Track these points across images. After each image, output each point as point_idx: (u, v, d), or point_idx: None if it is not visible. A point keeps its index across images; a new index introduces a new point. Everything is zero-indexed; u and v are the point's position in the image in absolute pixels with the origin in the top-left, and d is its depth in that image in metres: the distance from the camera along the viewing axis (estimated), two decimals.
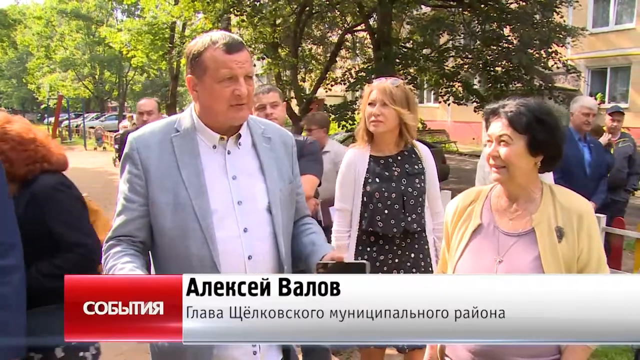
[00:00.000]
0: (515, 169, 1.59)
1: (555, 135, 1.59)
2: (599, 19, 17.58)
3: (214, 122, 1.52)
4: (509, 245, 1.63)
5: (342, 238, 2.50)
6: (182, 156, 1.50)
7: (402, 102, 2.36)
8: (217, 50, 1.44)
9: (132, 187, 1.49)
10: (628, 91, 17.02)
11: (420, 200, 2.44)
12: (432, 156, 2.59)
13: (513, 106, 1.60)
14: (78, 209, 1.98)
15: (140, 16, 23.74)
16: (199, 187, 1.48)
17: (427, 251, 2.50)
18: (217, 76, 1.44)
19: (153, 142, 1.52)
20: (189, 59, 1.50)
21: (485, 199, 1.75)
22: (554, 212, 1.61)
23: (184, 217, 1.46)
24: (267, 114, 2.72)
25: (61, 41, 32.02)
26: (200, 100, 1.51)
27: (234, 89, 1.44)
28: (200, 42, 1.48)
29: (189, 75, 1.51)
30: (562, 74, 13.01)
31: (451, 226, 1.80)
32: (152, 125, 1.59)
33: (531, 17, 9.92)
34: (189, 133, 1.53)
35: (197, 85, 1.50)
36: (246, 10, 10.60)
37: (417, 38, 11.52)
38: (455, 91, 11.35)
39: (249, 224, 1.52)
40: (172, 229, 1.47)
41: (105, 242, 1.51)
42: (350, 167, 2.49)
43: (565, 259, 1.56)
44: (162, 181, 1.48)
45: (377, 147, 2.48)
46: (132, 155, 1.51)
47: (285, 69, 12.32)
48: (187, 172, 1.48)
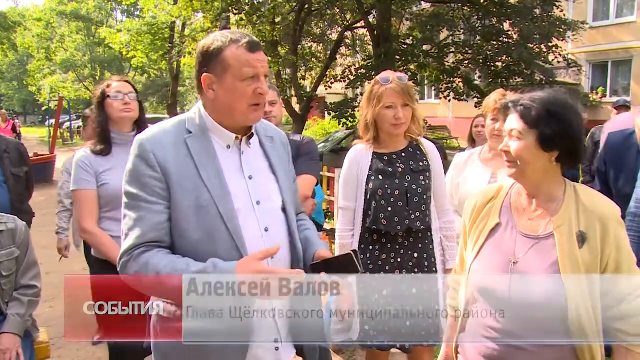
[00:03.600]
0: (526, 165, 1.52)
1: (571, 130, 1.48)
2: (599, 13, 17.50)
3: (230, 121, 1.50)
4: (526, 248, 1.55)
5: (345, 237, 2.48)
6: (200, 157, 1.45)
7: (414, 98, 2.35)
8: (240, 49, 1.44)
9: (153, 191, 1.43)
10: (630, 85, 16.94)
11: (425, 197, 2.38)
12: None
13: (526, 99, 1.53)
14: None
15: (140, 16, 23.73)
16: (222, 188, 1.45)
17: (431, 251, 2.45)
18: (240, 75, 1.43)
19: (167, 143, 1.46)
20: (205, 56, 1.47)
21: (506, 196, 1.67)
22: (576, 215, 1.50)
23: (209, 220, 1.42)
24: (265, 112, 2.71)
25: (61, 43, 32.00)
26: (217, 99, 1.47)
27: (256, 87, 1.46)
28: (219, 40, 1.46)
29: (205, 74, 1.46)
30: (562, 68, 12.97)
31: (469, 224, 1.74)
32: (160, 126, 1.53)
33: (531, 12, 9.88)
34: (203, 133, 1.49)
35: (215, 84, 1.46)
36: (245, 9, 10.58)
37: (417, 34, 11.48)
38: (456, 87, 11.31)
39: (269, 224, 1.53)
40: (196, 232, 1.42)
41: (129, 250, 1.42)
42: (353, 164, 2.46)
43: (586, 265, 1.46)
44: (182, 183, 1.43)
45: (382, 144, 2.43)
46: (147, 158, 1.44)
47: (285, 67, 12.30)
48: (206, 174, 1.44)
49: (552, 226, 1.52)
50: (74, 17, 32.38)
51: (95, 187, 2.46)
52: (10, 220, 2.45)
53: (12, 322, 2.32)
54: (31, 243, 2.54)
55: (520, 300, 1.52)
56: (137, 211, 1.43)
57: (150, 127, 1.54)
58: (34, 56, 33.76)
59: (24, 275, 2.47)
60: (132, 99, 2.57)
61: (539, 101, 1.50)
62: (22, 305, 2.40)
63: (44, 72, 31.80)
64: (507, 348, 1.55)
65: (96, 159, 2.48)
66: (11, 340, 2.27)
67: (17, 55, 39.07)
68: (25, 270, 2.48)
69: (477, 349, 1.64)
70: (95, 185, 2.46)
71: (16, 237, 2.43)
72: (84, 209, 2.47)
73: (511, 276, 1.55)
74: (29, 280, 2.48)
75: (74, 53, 31.54)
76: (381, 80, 2.34)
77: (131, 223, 1.44)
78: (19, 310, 2.38)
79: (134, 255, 1.41)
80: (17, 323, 2.34)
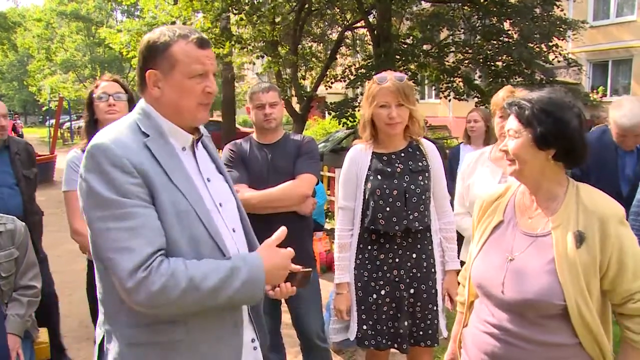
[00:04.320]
0: (523, 163, 1.54)
1: (566, 128, 1.49)
2: (599, 12, 17.50)
3: (177, 121, 1.41)
4: (524, 246, 1.57)
5: (344, 237, 2.47)
6: (165, 161, 1.34)
7: (412, 98, 2.32)
8: (189, 45, 1.37)
9: (139, 197, 1.26)
10: (630, 84, 16.95)
11: (424, 198, 2.37)
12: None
13: (521, 99, 1.56)
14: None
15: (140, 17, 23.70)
16: (194, 192, 1.38)
17: (430, 251, 2.44)
18: (188, 71, 1.36)
19: (134, 147, 1.31)
20: (150, 51, 1.37)
21: (512, 195, 1.70)
22: (575, 214, 1.50)
23: (189, 225, 1.33)
24: (266, 114, 2.70)
25: (61, 43, 31.97)
26: (164, 98, 1.38)
27: (205, 85, 1.39)
28: (166, 34, 1.37)
29: (150, 70, 1.37)
30: (563, 67, 12.96)
31: (476, 221, 1.77)
32: (115, 130, 1.36)
33: (531, 11, 9.86)
34: (160, 135, 1.38)
35: (161, 81, 1.37)
36: (245, 9, 10.57)
37: (417, 34, 11.46)
38: (456, 87, 11.30)
39: (234, 224, 1.51)
40: (182, 238, 1.32)
41: (144, 262, 1.22)
42: (352, 164, 2.45)
43: (583, 266, 1.46)
44: (159, 189, 1.31)
45: (381, 144, 2.43)
46: (121, 164, 1.26)
47: (285, 67, 12.28)
48: (176, 177, 1.35)
49: (551, 225, 1.53)
50: (74, 17, 32.33)
51: None
52: (9, 221, 2.45)
53: (12, 323, 2.32)
54: (30, 243, 2.54)
55: (514, 297, 1.54)
56: (130, 219, 1.23)
57: (101, 131, 1.37)
58: (34, 56, 33.76)
59: (23, 276, 2.47)
60: (118, 100, 2.54)
61: (533, 101, 1.53)
62: (21, 306, 2.40)
63: (44, 73, 31.79)
64: (505, 345, 1.56)
65: None
66: (11, 340, 2.27)
67: (17, 55, 39.04)
68: (25, 271, 2.48)
69: (477, 345, 1.65)
70: None
71: (15, 238, 2.43)
72: (75, 210, 2.46)
73: (506, 273, 1.56)
74: (28, 281, 2.48)
75: (74, 53, 31.50)
76: (378, 79, 2.33)
77: (127, 235, 1.22)
78: (19, 311, 2.38)
79: (153, 268, 1.21)
80: (16, 323, 2.34)
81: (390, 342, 2.40)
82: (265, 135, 2.78)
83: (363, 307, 2.43)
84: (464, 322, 1.82)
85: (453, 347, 1.90)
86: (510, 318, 1.56)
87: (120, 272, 1.22)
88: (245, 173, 2.69)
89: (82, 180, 1.30)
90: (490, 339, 1.60)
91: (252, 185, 2.66)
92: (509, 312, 1.57)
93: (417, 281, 2.40)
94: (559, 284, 1.47)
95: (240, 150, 2.77)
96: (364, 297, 2.42)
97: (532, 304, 1.50)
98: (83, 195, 1.29)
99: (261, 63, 13.65)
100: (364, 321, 2.42)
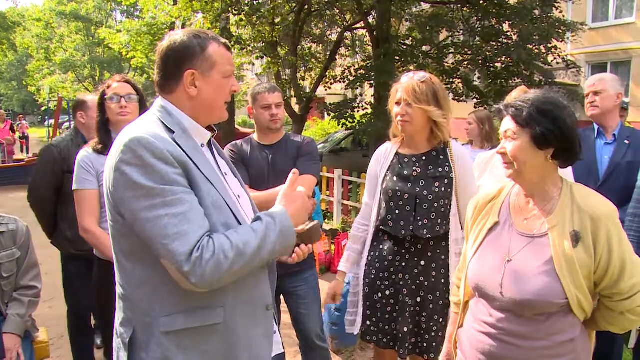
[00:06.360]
0: (522, 164, 1.54)
1: (564, 126, 1.51)
2: (598, 14, 17.53)
3: (207, 118, 1.50)
4: (521, 246, 1.57)
5: (358, 229, 2.53)
6: (193, 155, 1.39)
7: (429, 99, 2.24)
8: (221, 47, 1.47)
9: (184, 186, 1.32)
10: (629, 86, 16.97)
11: (436, 205, 2.28)
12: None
13: (517, 101, 1.56)
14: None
15: (140, 17, 23.72)
16: (222, 184, 1.47)
17: (443, 262, 2.33)
18: (224, 71, 1.47)
19: (170, 142, 1.36)
20: (187, 51, 1.42)
21: (507, 196, 1.70)
22: (570, 214, 1.52)
23: (223, 214, 1.40)
24: (272, 114, 2.72)
25: (61, 43, 31.94)
26: (200, 96, 1.44)
27: (232, 84, 1.50)
28: (197, 37, 1.44)
29: (190, 70, 1.42)
30: (562, 69, 12.97)
31: (470, 223, 1.77)
32: (146, 125, 1.40)
33: (530, 13, 9.86)
34: (184, 132, 1.43)
35: (200, 80, 1.43)
36: (244, 10, 10.57)
37: (417, 35, 11.47)
38: (456, 88, 11.31)
39: (251, 216, 1.57)
40: (218, 226, 1.37)
41: (196, 245, 1.26)
42: (375, 162, 2.47)
43: (582, 265, 1.48)
44: (196, 180, 1.36)
45: (406, 145, 2.41)
46: (164, 157, 1.30)
47: (285, 68, 12.29)
48: (206, 170, 1.41)
49: (547, 225, 1.54)
50: (74, 17, 32.34)
51: (96, 187, 2.47)
52: (11, 221, 2.46)
53: (13, 322, 2.33)
54: (32, 244, 2.55)
55: (513, 297, 1.55)
56: (180, 205, 1.27)
57: (130, 127, 1.39)
58: (33, 56, 33.73)
59: (24, 276, 2.48)
60: (130, 101, 2.56)
61: (530, 101, 1.54)
62: (22, 306, 2.41)
63: (44, 73, 31.76)
64: (503, 344, 1.58)
65: (97, 158, 2.49)
66: (11, 340, 2.28)
67: (17, 55, 39.06)
68: (26, 271, 2.49)
69: (474, 345, 1.66)
70: (97, 185, 2.47)
71: (17, 238, 2.44)
72: (85, 209, 2.48)
73: (504, 274, 1.57)
74: (29, 281, 2.49)
75: (73, 53, 31.48)
76: (401, 77, 2.34)
77: (178, 220, 1.26)
78: (19, 311, 2.39)
79: (204, 247, 1.26)
80: (17, 323, 2.35)
81: (392, 343, 2.40)
82: (267, 136, 2.80)
83: (368, 303, 2.45)
84: (459, 322, 1.82)
85: (448, 347, 1.91)
86: (508, 318, 1.58)
87: (177, 256, 1.25)
88: (246, 174, 2.70)
89: (119, 174, 1.31)
90: (487, 339, 1.61)
91: (253, 186, 2.67)
92: (507, 312, 1.58)
93: (423, 290, 2.34)
94: (559, 283, 1.48)
95: (241, 151, 2.79)
96: (370, 293, 2.44)
97: (532, 304, 1.52)
98: (122, 188, 1.31)
99: (260, 64, 13.67)
100: (368, 317, 2.45)
